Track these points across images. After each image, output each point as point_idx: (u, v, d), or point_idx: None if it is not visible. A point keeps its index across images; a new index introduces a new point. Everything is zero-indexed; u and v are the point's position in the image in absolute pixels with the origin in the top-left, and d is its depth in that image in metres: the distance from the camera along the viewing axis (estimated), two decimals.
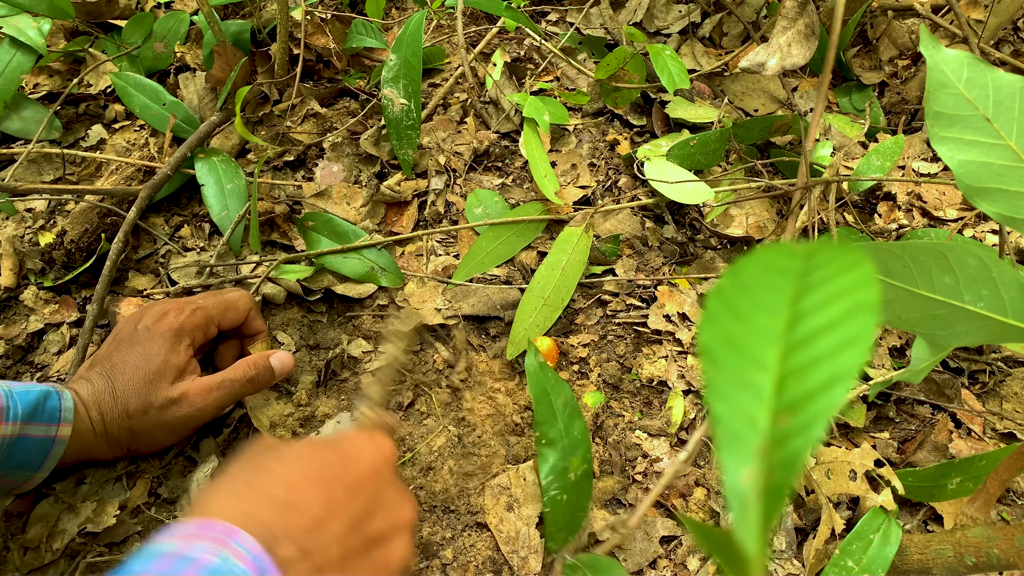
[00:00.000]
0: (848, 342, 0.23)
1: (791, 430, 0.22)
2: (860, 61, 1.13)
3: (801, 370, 0.23)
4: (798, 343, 0.23)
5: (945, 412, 0.77)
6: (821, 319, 0.23)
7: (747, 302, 0.24)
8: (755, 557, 0.21)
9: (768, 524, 0.21)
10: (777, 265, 0.25)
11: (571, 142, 1.01)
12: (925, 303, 0.44)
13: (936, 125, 0.46)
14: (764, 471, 0.21)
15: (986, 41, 1.04)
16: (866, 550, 0.62)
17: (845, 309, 0.23)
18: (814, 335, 0.23)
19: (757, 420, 0.22)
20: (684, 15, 1.17)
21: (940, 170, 0.99)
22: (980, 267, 0.42)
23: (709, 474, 0.71)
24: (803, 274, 0.25)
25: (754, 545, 0.21)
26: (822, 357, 0.23)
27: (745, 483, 0.21)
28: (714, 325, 0.24)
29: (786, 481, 0.21)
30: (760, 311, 0.24)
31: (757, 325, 0.24)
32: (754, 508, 0.21)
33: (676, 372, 0.78)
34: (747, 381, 0.23)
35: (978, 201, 0.45)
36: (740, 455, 0.22)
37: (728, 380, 0.23)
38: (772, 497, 0.21)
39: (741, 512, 0.21)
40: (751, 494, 0.21)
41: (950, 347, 0.62)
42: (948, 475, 0.67)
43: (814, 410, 0.22)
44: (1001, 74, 0.45)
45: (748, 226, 0.90)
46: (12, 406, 0.57)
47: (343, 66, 1.06)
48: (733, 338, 0.24)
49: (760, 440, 0.22)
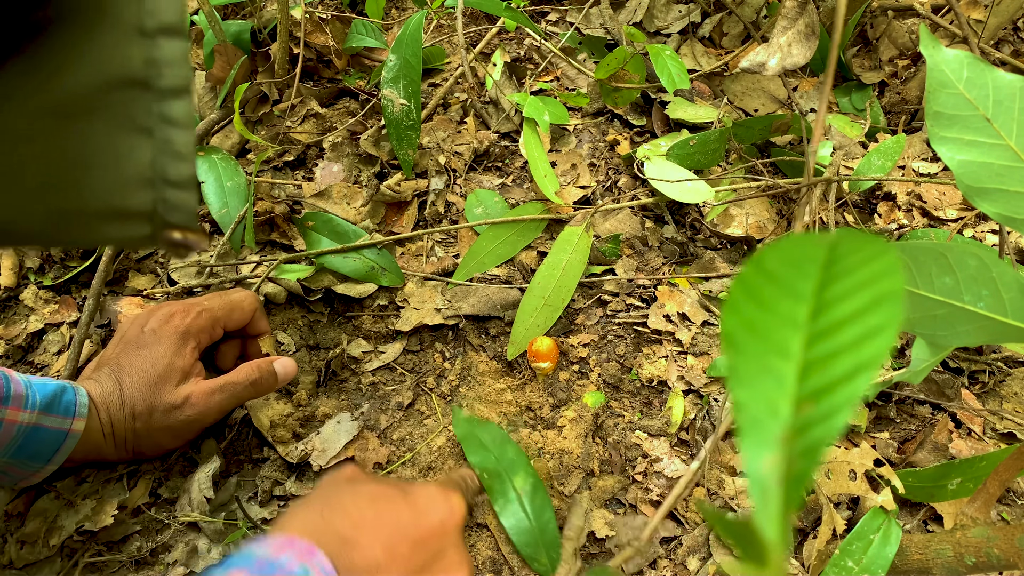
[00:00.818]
0: (873, 331, 0.23)
1: (813, 418, 0.22)
2: (860, 61, 1.13)
3: (825, 359, 0.23)
4: (822, 332, 0.23)
5: (945, 412, 0.77)
6: (846, 308, 0.23)
7: (771, 290, 0.24)
8: (775, 544, 0.21)
9: (789, 512, 0.21)
10: (801, 254, 0.25)
11: (571, 142, 1.01)
12: (925, 303, 0.44)
13: (936, 125, 0.46)
14: (786, 459, 0.21)
15: (986, 41, 1.04)
16: (866, 550, 0.62)
17: (870, 299, 0.23)
18: (838, 324, 0.23)
19: (779, 408, 0.22)
20: (684, 15, 1.17)
21: (940, 170, 0.99)
22: (980, 267, 0.42)
23: (709, 474, 0.71)
24: (828, 264, 0.25)
25: (775, 532, 0.21)
26: (846, 346, 0.23)
27: (766, 470, 0.21)
28: (737, 312, 0.24)
29: (808, 469, 0.21)
30: (784, 299, 0.24)
31: (781, 313, 0.24)
32: (775, 495, 0.21)
33: (676, 372, 0.78)
34: (770, 368, 0.23)
35: (978, 201, 0.45)
36: (762, 442, 0.22)
37: (751, 367, 0.23)
38: (793, 485, 0.21)
39: (762, 499, 0.21)
40: (772, 481, 0.21)
41: (950, 347, 0.61)
42: (948, 475, 0.67)
43: (837, 399, 0.22)
44: (1001, 74, 0.45)
45: (748, 226, 0.90)
46: (31, 395, 0.58)
47: (343, 66, 1.06)
48: (756, 326, 0.24)
49: (782, 428, 0.22)
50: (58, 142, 0.33)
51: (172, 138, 0.35)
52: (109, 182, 0.34)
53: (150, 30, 0.33)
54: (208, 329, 0.67)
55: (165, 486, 0.67)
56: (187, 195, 0.36)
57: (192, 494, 0.65)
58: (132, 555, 0.62)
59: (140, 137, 0.34)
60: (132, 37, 0.33)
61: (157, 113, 0.34)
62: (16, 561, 0.61)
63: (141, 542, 0.63)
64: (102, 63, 0.32)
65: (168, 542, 0.64)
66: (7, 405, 0.56)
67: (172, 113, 0.34)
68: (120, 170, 0.34)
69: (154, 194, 0.35)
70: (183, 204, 0.36)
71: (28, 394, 0.58)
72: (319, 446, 0.70)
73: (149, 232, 0.35)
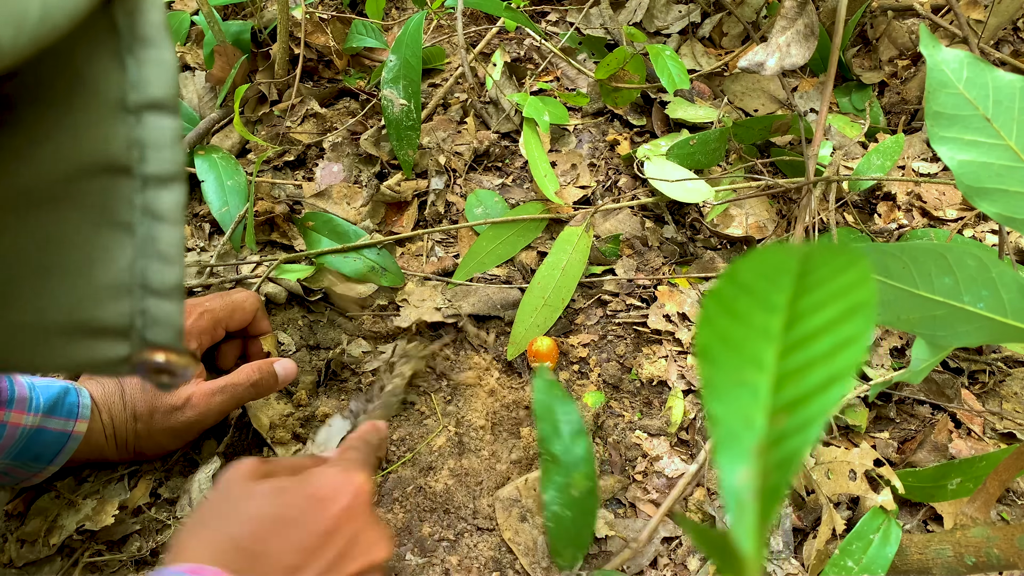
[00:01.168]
0: (845, 342, 0.23)
1: (788, 430, 0.22)
2: (860, 61, 1.13)
3: (798, 370, 0.23)
4: (796, 343, 0.23)
5: (945, 412, 0.77)
6: (819, 320, 0.23)
7: (745, 302, 0.24)
8: (751, 558, 0.21)
9: (765, 524, 0.21)
10: (775, 266, 0.25)
11: (571, 142, 1.01)
12: (925, 304, 0.44)
13: (936, 125, 0.46)
14: (761, 471, 0.21)
15: (986, 41, 1.04)
16: (866, 550, 0.62)
17: (842, 310, 0.23)
18: (812, 335, 0.23)
19: (754, 420, 0.22)
20: (684, 15, 1.17)
21: (940, 170, 0.99)
22: (980, 267, 0.42)
23: (709, 474, 0.71)
24: (801, 275, 0.25)
25: (750, 545, 0.21)
26: (819, 357, 0.23)
27: (742, 483, 0.21)
28: (712, 325, 0.24)
29: (783, 481, 0.21)
30: (758, 311, 0.24)
31: (755, 325, 0.24)
32: (751, 508, 0.21)
33: (676, 372, 0.78)
34: (744, 381, 0.23)
35: (978, 201, 0.45)
36: (737, 455, 0.22)
37: (725, 380, 0.23)
38: (769, 497, 0.21)
39: (738, 512, 0.21)
40: (748, 494, 0.21)
41: (950, 347, 0.61)
42: (948, 475, 0.67)
43: (811, 410, 0.22)
44: (1001, 74, 0.45)
45: (748, 226, 0.90)
46: (35, 398, 0.58)
47: (343, 66, 1.06)
48: (731, 338, 0.24)
49: (757, 440, 0.22)
50: (14, 240, 0.27)
51: (157, 235, 0.29)
52: (78, 290, 0.28)
53: (135, 106, 0.28)
54: (210, 330, 0.67)
55: (165, 486, 0.67)
56: (172, 307, 0.30)
57: (192, 494, 0.65)
58: (132, 555, 0.63)
59: (118, 233, 0.28)
60: (113, 114, 0.27)
61: (140, 205, 0.29)
62: (16, 560, 0.61)
63: (141, 542, 0.64)
64: (75, 144, 0.27)
65: (168, 542, 0.64)
66: (11, 408, 0.56)
67: (159, 205, 0.29)
68: (92, 275, 0.28)
69: (132, 305, 0.29)
70: (167, 318, 0.30)
71: (32, 397, 0.58)
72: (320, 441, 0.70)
73: (126, 353, 0.29)
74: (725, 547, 0.21)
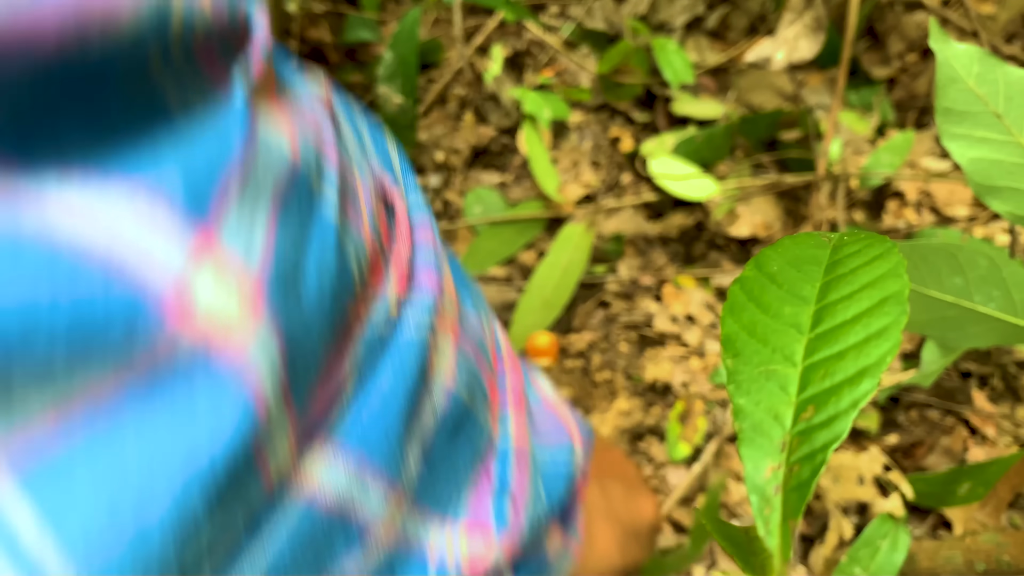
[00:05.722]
0: (877, 335, 0.22)
1: (816, 424, 0.21)
2: (868, 56, 1.12)
3: (828, 363, 0.22)
4: (825, 335, 0.23)
5: (956, 416, 0.75)
6: (850, 311, 0.23)
7: (773, 292, 0.24)
8: (777, 555, 0.20)
9: (791, 521, 0.20)
10: (804, 255, 0.25)
11: (572, 138, 1.00)
12: (935, 304, 0.43)
13: (946, 122, 0.44)
14: (787, 466, 0.21)
15: (997, 36, 1.02)
16: (874, 557, 0.61)
17: (875, 301, 0.23)
18: (842, 327, 0.23)
19: (781, 414, 0.22)
20: (689, 8, 1.15)
21: (951, 168, 0.98)
22: (991, 267, 0.41)
23: (712, 477, 0.70)
24: (832, 265, 0.24)
25: (776, 542, 0.20)
26: (850, 350, 0.22)
27: (767, 478, 0.21)
28: (738, 316, 0.23)
29: (810, 477, 0.20)
30: (787, 302, 0.24)
31: (783, 316, 0.23)
32: (776, 504, 0.20)
33: (680, 374, 0.77)
34: (771, 373, 0.22)
35: (989, 200, 0.43)
36: (763, 449, 0.21)
37: (751, 372, 0.23)
38: (795, 493, 0.20)
39: (763, 507, 0.21)
40: (774, 490, 0.21)
41: (961, 349, 0.60)
42: (958, 480, 0.65)
43: (841, 404, 0.21)
44: (1012, 69, 0.43)
45: (755, 224, 0.89)
46: None
47: (338, 61, 1.05)
48: (757, 329, 0.23)
49: (784, 434, 0.21)
50: None
51: None
52: None
53: None
54: None
55: None
56: None
57: None
58: None
59: None
60: None
61: None
62: None
63: None
64: None
65: None
66: None
67: None
68: None
69: None
70: None
71: None
72: None
73: None
74: (750, 544, 0.20)
